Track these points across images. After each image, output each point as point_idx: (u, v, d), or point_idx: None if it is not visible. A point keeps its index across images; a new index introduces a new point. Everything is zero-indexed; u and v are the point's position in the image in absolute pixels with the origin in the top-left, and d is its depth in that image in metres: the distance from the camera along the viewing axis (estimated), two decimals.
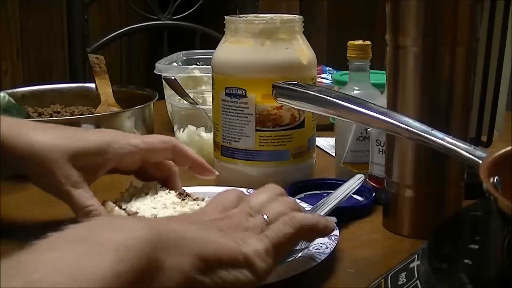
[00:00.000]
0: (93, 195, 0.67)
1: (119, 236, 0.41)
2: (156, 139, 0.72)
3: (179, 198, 0.68)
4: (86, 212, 0.65)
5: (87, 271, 0.38)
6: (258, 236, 0.51)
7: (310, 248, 0.62)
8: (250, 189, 0.76)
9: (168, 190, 0.70)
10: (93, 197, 0.66)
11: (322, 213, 0.68)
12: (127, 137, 0.70)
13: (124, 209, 0.66)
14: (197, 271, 0.45)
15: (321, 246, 0.62)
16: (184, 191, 0.71)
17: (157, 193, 0.69)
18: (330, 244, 0.63)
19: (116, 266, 0.39)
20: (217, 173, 0.77)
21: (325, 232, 0.58)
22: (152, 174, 0.73)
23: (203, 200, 0.69)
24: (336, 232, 0.64)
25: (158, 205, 0.66)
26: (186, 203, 0.68)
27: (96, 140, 0.68)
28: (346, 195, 0.72)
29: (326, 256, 0.60)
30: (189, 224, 0.50)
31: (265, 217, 0.54)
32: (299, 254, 0.62)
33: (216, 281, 0.46)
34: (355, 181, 0.75)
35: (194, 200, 0.69)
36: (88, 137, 0.69)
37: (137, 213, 0.65)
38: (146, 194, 0.69)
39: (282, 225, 0.53)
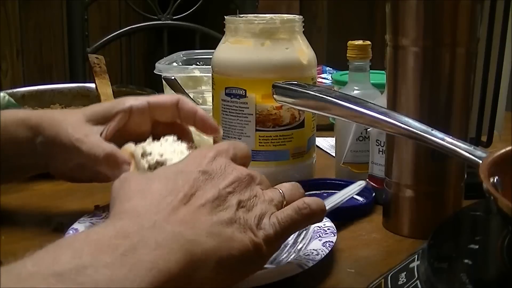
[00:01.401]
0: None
1: (155, 255, 0.43)
2: (163, 96, 0.74)
3: (188, 150, 0.68)
4: (99, 152, 0.66)
5: (121, 284, 0.40)
6: (271, 218, 0.52)
7: (301, 254, 0.61)
8: None
9: (180, 141, 0.70)
10: (106, 142, 0.67)
11: None
12: (136, 98, 0.72)
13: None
14: (217, 276, 0.48)
15: (312, 253, 0.61)
16: (194, 144, 0.71)
17: (168, 141, 0.70)
18: (322, 251, 0.61)
19: (149, 286, 0.41)
20: (221, 132, 0.74)
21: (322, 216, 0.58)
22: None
23: None
24: (333, 238, 0.64)
25: (168, 148, 0.67)
26: None
27: (109, 102, 0.73)
28: (343, 199, 0.72)
29: (314, 263, 0.59)
30: (207, 215, 0.49)
31: (281, 191, 0.55)
32: (289, 259, 0.62)
33: (231, 276, 0.49)
34: (356, 187, 0.76)
35: None
36: (101, 103, 0.74)
37: (146, 150, 0.66)
38: (161, 144, 0.70)
39: (295, 212, 0.54)
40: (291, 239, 0.65)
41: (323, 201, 0.57)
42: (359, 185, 0.77)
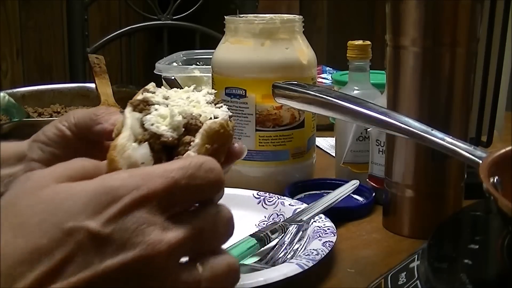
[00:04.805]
0: None
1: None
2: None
3: (210, 102, 0.48)
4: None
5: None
6: None
7: (301, 254, 0.61)
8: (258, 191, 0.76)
9: (203, 91, 0.50)
10: None
11: (309, 216, 0.68)
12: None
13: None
14: None
15: (312, 252, 0.61)
16: (220, 103, 0.49)
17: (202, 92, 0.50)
18: (322, 251, 0.61)
19: None
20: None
21: None
22: None
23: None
24: (333, 238, 0.64)
25: (183, 94, 0.49)
26: (200, 116, 0.46)
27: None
28: (337, 200, 0.72)
29: (314, 263, 0.58)
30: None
31: (200, 270, 0.39)
32: (286, 259, 0.62)
33: None
34: (349, 187, 0.76)
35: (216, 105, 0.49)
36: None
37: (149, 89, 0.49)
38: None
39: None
40: (287, 239, 0.65)
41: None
42: (353, 184, 0.77)
